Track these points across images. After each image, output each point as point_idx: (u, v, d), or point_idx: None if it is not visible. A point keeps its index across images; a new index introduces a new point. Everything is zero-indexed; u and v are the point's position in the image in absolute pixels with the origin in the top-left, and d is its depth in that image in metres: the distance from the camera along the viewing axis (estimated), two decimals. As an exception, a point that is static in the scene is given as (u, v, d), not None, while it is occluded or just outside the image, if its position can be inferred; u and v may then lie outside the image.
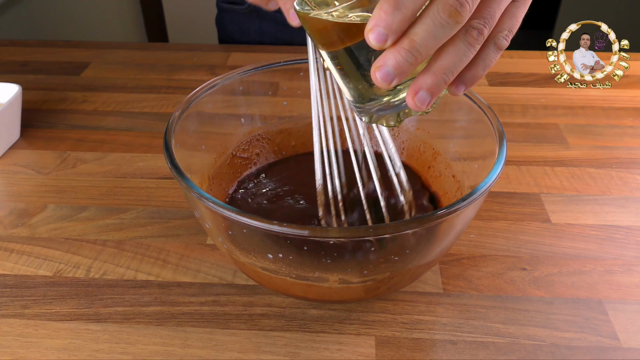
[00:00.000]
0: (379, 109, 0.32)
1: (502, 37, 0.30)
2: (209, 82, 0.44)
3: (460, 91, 0.31)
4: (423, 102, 0.29)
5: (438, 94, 0.29)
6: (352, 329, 0.40)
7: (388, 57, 0.27)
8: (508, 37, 0.30)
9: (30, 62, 0.79)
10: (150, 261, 0.46)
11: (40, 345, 0.39)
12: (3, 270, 0.45)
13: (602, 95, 0.69)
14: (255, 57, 0.79)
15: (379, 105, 0.32)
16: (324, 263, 0.34)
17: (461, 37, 0.28)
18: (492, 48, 0.30)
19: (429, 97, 0.28)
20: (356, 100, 0.33)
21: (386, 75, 0.27)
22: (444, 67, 0.28)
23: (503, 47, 0.30)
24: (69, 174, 0.56)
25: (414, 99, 0.29)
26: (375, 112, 0.33)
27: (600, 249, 0.47)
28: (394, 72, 0.27)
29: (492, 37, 0.30)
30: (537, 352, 0.38)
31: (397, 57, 0.27)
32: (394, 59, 0.27)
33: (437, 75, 0.28)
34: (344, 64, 0.31)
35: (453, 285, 0.43)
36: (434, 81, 0.28)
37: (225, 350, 0.38)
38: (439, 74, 0.28)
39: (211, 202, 0.32)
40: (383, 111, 0.33)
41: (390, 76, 0.27)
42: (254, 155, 0.50)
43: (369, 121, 0.34)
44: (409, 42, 0.27)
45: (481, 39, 0.28)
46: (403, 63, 0.27)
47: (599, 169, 0.56)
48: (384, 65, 0.27)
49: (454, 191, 0.44)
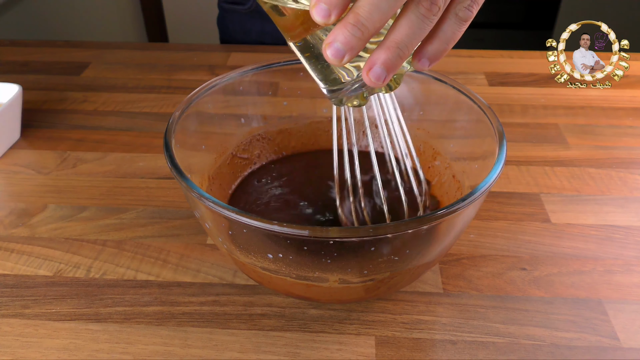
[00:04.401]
0: (348, 90, 0.33)
1: (464, 7, 0.28)
2: (209, 82, 0.44)
3: (424, 66, 0.30)
4: (378, 77, 0.28)
5: (394, 69, 0.28)
6: (352, 329, 0.40)
7: (336, 34, 0.27)
8: (472, 7, 0.29)
9: (30, 62, 0.79)
10: (150, 261, 0.46)
11: (40, 345, 0.39)
12: (3, 270, 0.45)
13: (602, 95, 0.69)
14: (255, 57, 0.79)
15: (346, 87, 0.33)
16: (324, 263, 0.34)
17: (412, 9, 0.27)
18: (453, 20, 0.29)
19: (384, 73, 0.28)
20: (325, 85, 0.33)
21: (336, 51, 0.27)
22: (397, 41, 0.27)
23: (467, 19, 0.29)
24: (69, 174, 0.56)
25: (368, 75, 0.28)
26: (345, 94, 0.33)
27: (600, 249, 0.47)
28: (343, 48, 0.27)
29: (452, 8, 0.29)
30: (537, 352, 0.38)
31: (344, 32, 0.27)
32: (342, 34, 0.27)
33: (390, 49, 0.27)
34: (308, 52, 0.31)
35: (453, 285, 0.43)
36: (387, 56, 0.27)
37: (225, 350, 0.39)
38: (393, 49, 0.27)
39: (211, 202, 0.32)
40: (352, 92, 0.33)
41: (341, 52, 0.27)
42: (254, 155, 0.50)
43: (340, 103, 0.34)
44: (354, 16, 0.26)
45: (435, 9, 0.27)
46: (351, 38, 0.27)
47: (599, 169, 0.56)
48: (333, 42, 0.27)
49: (454, 191, 0.44)
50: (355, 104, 0.34)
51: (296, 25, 0.30)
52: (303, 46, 0.31)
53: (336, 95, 0.33)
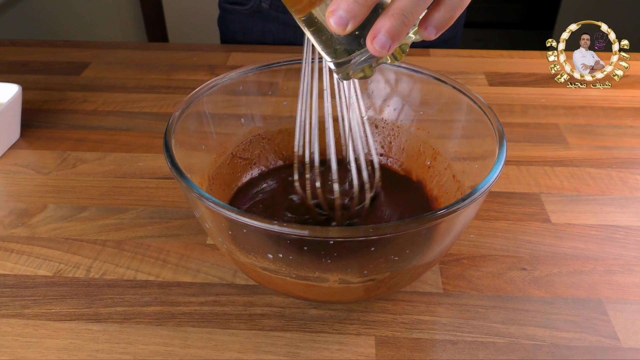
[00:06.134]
0: (355, 62, 0.33)
1: None
2: (209, 82, 0.44)
3: (431, 35, 0.29)
4: (383, 46, 0.27)
5: (399, 38, 0.28)
6: (352, 329, 0.40)
7: (339, 1, 0.27)
8: None
9: (30, 62, 0.79)
10: (150, 261, 0.46)
11: (40, 345, 0.39)
12: (3, 270, 0.45)
13: (602, 95, 0.69)
14: (255, 57, 0.79)
15: (354, 59, 0.32)
16: (324, 263, 0.34)
17: None
18: None
19: (389, 41, 0.27)
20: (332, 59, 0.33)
21: (339, 19, 0.27)
22: (402, 8, 0.27)
23: None
24: (69, 174, 0.56)
25: (372, 43, 0.28)
26: (352, 67, 0.33)
27: (600, 249, 0.47)
28: (346, 15, 0.26)
29: None
30: (537, 352, 0.38)
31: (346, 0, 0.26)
32: (345, 2, 0.26)
33: (395, 17, 0.27)
34: (314, 25, 0.31)
35: (453, 285, 0.43)
36: (392, 24, 0.27)
37: (225, 350, 0.38)
38: (397, 16, 0.27)
39: (211, 202, 0.32)
40: (359, 65, 0.33)
41: (344, 20, 0.27)
42: (254, 156, 0.50)
43: (347, 77, 0.34)
44: None
45: None
46: (353, 5, 0.26)
47: (599, 169, 0.56)
48: (337, 10, 0.27)
49: (454, 191, 0.44)
50: (361, 76, 0.34)
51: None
52: (308, 20, 0.31)
53: (344, 68, 0.33)
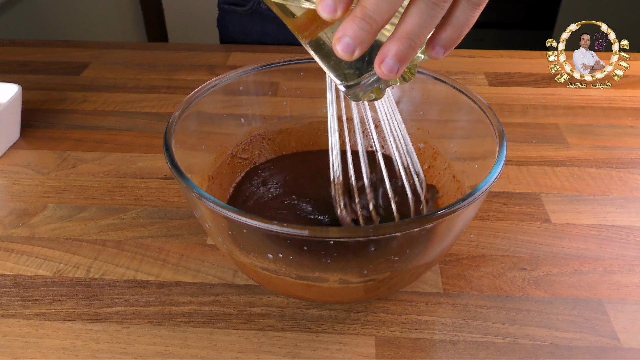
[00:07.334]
0: (364, 84, 0.33)
1: None
2: (209, 82, 0.44)
3: (439, 54, 0.29)
4: (391, 70, 0.27)
5: (407, 61, 0.27)
6: (352, 329, 0.40)
7: (345, 28, 0.26)
8: None
9: (30, 62, 0.79)
10: (150, 261, 0.46)
11: (40, 345, 0.39)
12: (3, 270, 0.45)
13: (602, 95, 0.69)
14: (255, 57, 0.79)
15: (362, 81, 0.32)
16: (324, 263, 0.34)
17: None
18: (465, 4, 0.28)
19: (397, 65, 0.27)
20: (342, 82, 0.33)
21: (346, 46, 0.27)
22: (408, 31, 0.27)
23: (480, 3, 0.28)
24: (69, 174, 0.56)
25: (380, 67, 0.27)
26: (361, 89, 0.33)
27: (600, 249, 0.47)
28: (353, 42, 0.26)
29: None
30: (537, 352, 0.38)
31: (352, 26, 0.26)
32: (351, 28, 0.26)
33: (401, 40, 0.27)
34: (321, 50, 0.31)
35: (453, 285, 0.43)
36: (399, 47, 0.27)
37: (225, 350, 0.38)
38: (404, 39, 0.27)
39: (211, 202, 0.32)
40: (368, 87, 0.33)
41: (351, 47, 0.26)
42: (254, 155, 0.50)
43: (357, 99, 0.34)
44: (361, 9, 0.26)
45: None
46: (359, 32, 0.26)
47: (599, 169, 0.56)
48: (343, 37, 0.26)
49: (454, 191, 0.44)
50: (372, 97, 0.34)
51: (306, 24, 0.30)
52: (315, 45, 0.31)
53: (353, 90, 0.33)
